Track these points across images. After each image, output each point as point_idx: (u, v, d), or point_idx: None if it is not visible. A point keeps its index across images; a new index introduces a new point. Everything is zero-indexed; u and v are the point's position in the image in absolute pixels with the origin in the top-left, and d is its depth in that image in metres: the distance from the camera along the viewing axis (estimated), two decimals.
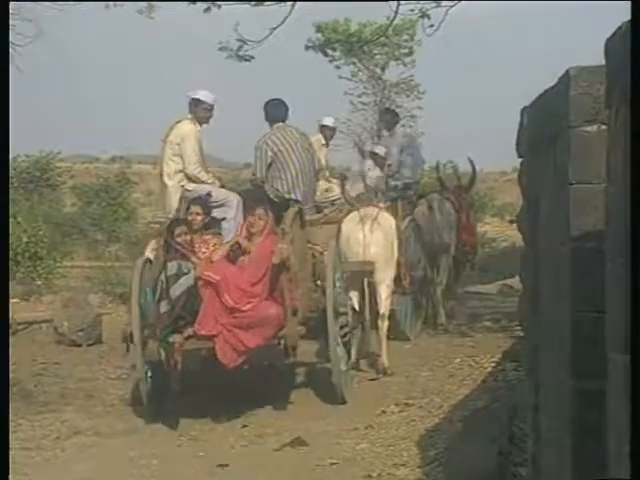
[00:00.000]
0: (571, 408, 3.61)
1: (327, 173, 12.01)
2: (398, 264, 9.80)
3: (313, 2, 14.32)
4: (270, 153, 9.25)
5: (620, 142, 2.68)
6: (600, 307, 3.07)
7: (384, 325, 9.50)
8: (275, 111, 9.50)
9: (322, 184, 10.88)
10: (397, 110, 17.63)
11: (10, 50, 8.95)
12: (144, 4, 12.90)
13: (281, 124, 9.43)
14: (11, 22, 10.20)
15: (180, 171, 8.98)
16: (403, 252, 10.23)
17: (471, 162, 12.64)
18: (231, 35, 12.72)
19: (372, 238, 9.49)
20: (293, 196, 9.21)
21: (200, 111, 9.09)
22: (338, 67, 26.51)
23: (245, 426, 7.87)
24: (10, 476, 4.40)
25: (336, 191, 10.90)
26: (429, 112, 27.56)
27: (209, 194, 8.79)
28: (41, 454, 7.27)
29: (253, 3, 12.14)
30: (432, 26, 12.23)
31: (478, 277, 15.63)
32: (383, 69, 26.95)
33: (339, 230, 9.58)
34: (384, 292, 9.56)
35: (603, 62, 2.93)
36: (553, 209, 3.94)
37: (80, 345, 11.07)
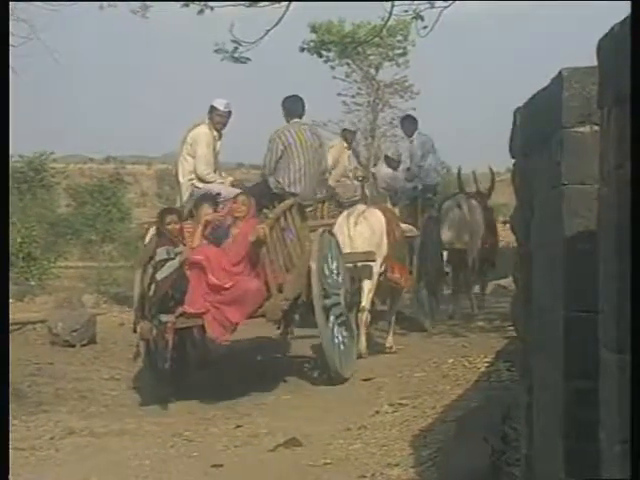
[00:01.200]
0: (564, 408, 3.62)
1: (351, 174, 12.37)
2: (389, 259, 10.14)
3: (307, 2, 14.34)
4: (281, 146, 9.55)
5: (613, 143, 2.69)
6: (593, 307, 3.08)
7: (364, 316, 9.79)
8: (293, 107, 9.78)
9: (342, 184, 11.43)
10: (391, 111, 17.82)
11: None
12: (138, 4, 12.92)
13: (297, 120, 9.72)
14: None
15: (192, 171, 9.55)
16: (419, 249, 11.07)
17: (491, 170, 13.46)
18: (226, 36, 12.73)
19: (356, 231, 9.81)
20: (293, 189, 9.47)
21: (215, 117, 9.65)
22: (332, 68, 26.57)
23: (239, 426, 7.86)
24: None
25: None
26: (423, 113, 27.58)
27: (219, 194, 9.25)
28: (35, 454, 7.25)
29: (247, 4, 12.14)
30: (426, 27, 12.26)
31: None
32: (377, 70, 27.00)
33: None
34: (367, 286, 9.86)
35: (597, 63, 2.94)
36: (546, 210, 3.95)
37: (74, 345, 11.06)
